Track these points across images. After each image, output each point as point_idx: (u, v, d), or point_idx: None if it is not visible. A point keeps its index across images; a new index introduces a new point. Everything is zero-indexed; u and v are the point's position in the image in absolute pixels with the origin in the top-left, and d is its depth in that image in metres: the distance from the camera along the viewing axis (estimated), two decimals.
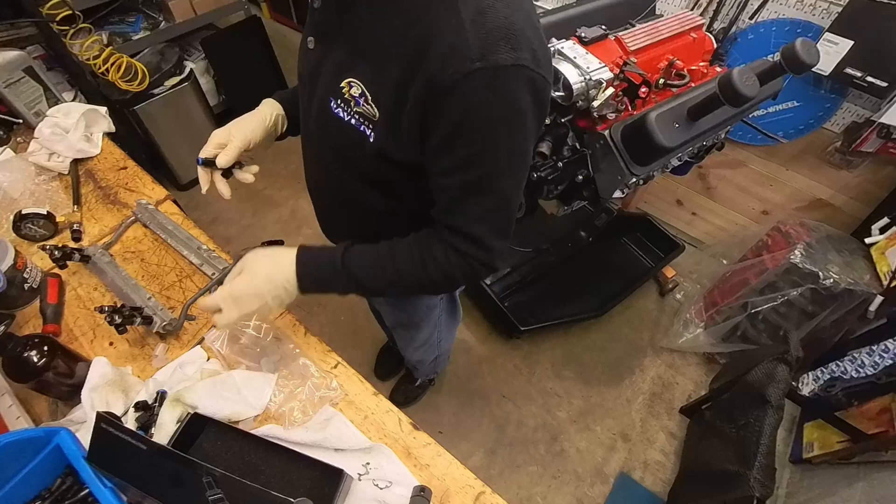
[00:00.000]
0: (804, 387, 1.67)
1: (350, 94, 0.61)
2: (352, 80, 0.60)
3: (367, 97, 0.60)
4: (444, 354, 1.49)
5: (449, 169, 0.60)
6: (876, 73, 1.32)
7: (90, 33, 1.68)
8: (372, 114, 0.60)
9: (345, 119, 0.64)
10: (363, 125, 0.62)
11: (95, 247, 1.04)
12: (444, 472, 0.78)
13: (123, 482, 0.64)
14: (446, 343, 1.39)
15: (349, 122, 0.63)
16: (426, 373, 1.64)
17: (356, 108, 0.62)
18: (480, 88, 0.52)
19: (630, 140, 0.97)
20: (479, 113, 0.54)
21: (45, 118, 1.26)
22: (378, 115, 0.60)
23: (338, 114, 0.64)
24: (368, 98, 0.60)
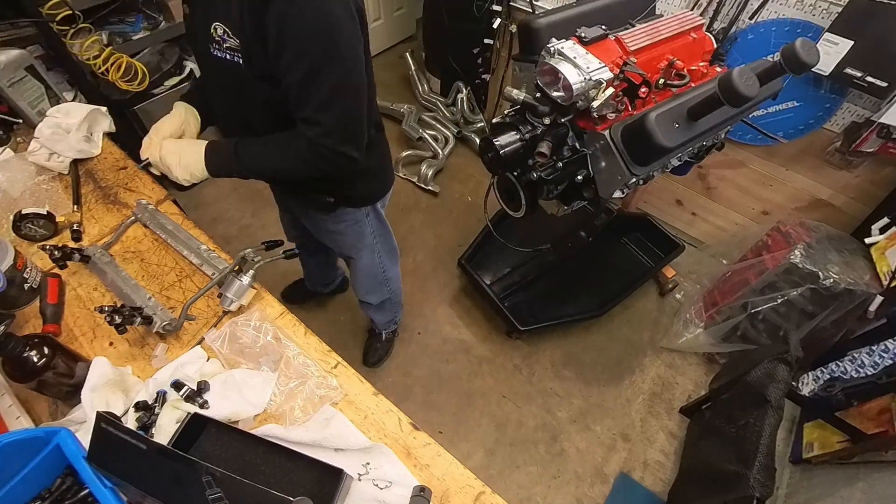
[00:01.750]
0: (804, 387, 1.67)
1: (218, 35, 0.77)
2: (216, 23, 0.76)
3: (227, 32, 0.76)
4: (395, 297, 1.61)
5: (286, 67, 0.75)
6: (876, 73, 1.32)
7: (90, 33, 1.68)
8: (235, 44, 0.77)
9: (221, 57, 0.79)
10: (234, 56, 0.78)
11: (95, 247, 1.04)
12: (443, 472, 0.78)
13: (123, 482, 0.64)
14: (392, 274, 1.49)
15: (225, 58, 0.79)
16: (385, 323, 1.77)
17: (225, 45, 0.78)
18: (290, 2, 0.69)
19: (630, 140, 0.96)
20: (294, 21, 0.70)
21: (46, 118, 1.25)
22: (239, 43, 0.76)
23: (216, 55, 0.80)
24: (229, 32, 0.76)
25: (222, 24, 0.76)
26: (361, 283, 1.47)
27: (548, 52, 0.97)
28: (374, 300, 1.55)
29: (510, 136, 1.03)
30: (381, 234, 1.33)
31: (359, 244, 1.29)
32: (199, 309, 0.97)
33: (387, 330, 1.86)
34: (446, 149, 2.66)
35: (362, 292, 1.52)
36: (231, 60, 0.78)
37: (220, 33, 0.77)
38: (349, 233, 1.24)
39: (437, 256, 2.28)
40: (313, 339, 0.93)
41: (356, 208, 1.17)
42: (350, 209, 1.16)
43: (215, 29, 0.77)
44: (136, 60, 1.87)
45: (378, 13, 3.26)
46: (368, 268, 1.39)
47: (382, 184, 1.21)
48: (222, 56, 0.79)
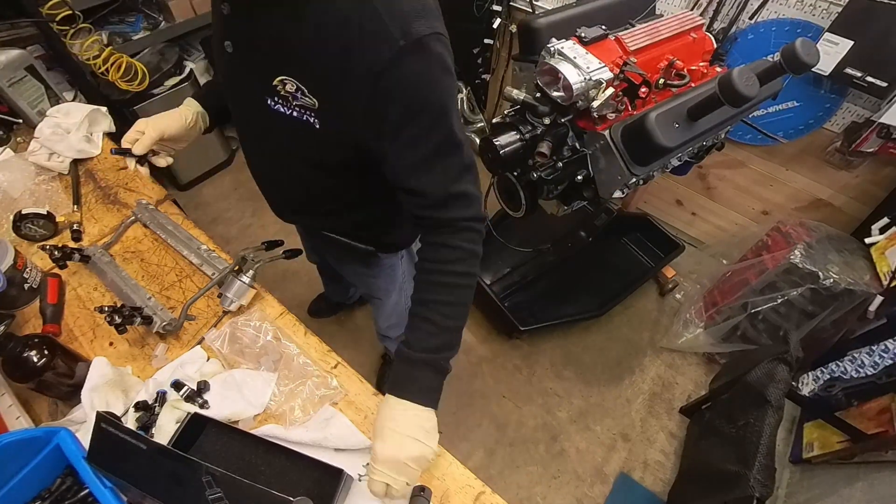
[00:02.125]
0: (804, 387, 1.67)
1: (286, 91, 0.65)
2: (284, 77, 0.64)
3: (303, 90, 0.64)
4: None
5: (412, 141, 0.64)
6: (876, 73, 1.32)
7: (90, 33, 1.68)
8: (312, 104, 0.65)
9: (286, 113, 0.67)
10: (306, 115, 0.66)
11: (95, 247, 1.04)
12: (443, 472, 0.78)
13: (123, 482, 0.64)
14: None
15: (292, 115, 0.67)
16: None
17: (295, 102, 0.66)
18: (415, 59, 0.59)
19: (630, 140, 0.97)
20: (422, 80, 0.61)
21: (46, 118, 1.26)
22: (318, 104, 0.64)
23: (278, 110, 0.68)
24: (305, 91, 0.64)
25: (295, 81, 0.63)
26: (385, 321, 1.37)
27: (548, 52, 0.97)
28: (394, 334, 1.44)
29: (510, 136, 1.04)
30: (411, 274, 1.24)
31: (389, 287, 1.20)
32: (199, 309, 0.97)
33: None
34: None
35: (384, 328, 1.42)
36: (299, 119, 0.66)
37: (289, 89, 0.64)
38: (382, 276, 1.14)
39: None
40: (313, 339, 0.93)
41: (393, 254, 1.08)
42: (387, 254, 1.06)
43: (282, 83, 0.64)
44: (135, 60, 1.87)
45: None
46: (394, 307, 1.29)
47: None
48: (287, 113, 0.67)
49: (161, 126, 0.88)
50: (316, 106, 0.64)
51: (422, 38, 0.58)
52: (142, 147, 0.85)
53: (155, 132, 0.86)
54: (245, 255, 0.96)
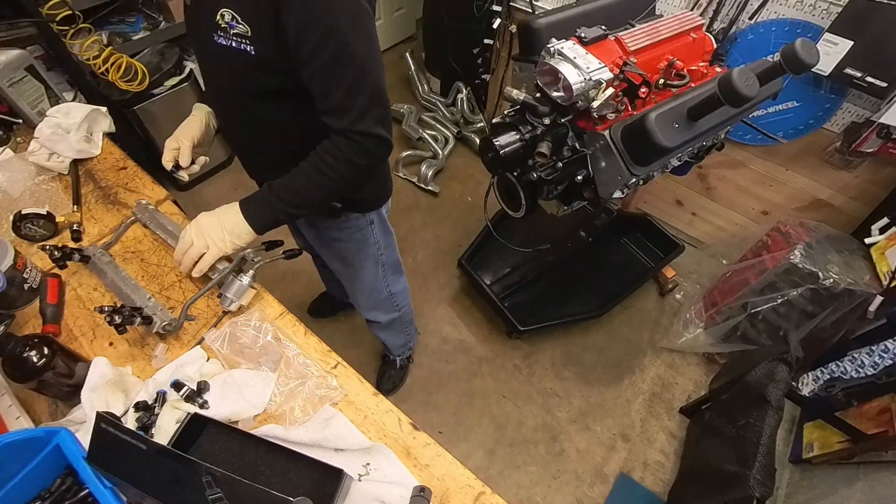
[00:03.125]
0: (804, 387, 1.67)
1: (225, 22, 0.74)
2: (223, 10, 0.73)
3: (237, 18, 0.73)
4: (405, 316, 1.54)
5: (310, 52, 0.72)
6: (875, 74, 1.32)
7: (90, 33, 1.68)
8: (245, 31, 0.73)
9: (226, 44, 0.76)
10: (242, 43, 0.75)
11: (95, 247, 1.04)
12: (443, 472, 0.77)
13: (123, 482, 0.64)
14: (396, 289, 1.42)
15: (230, 46, 0.75)
16: (398, 347, 1.71)
17: (232, 31, 0.74)
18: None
19: (630, 140, 0.96)
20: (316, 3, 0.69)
21: (46, 118, 1.25)
22: (250, 31, 0.73)
23: (220, 42, 0.76)
24: (238, 19, 0.73)
25: (231, 10, 0.72)
26: (364, 298, 1.38)
27: (548, 52, 0.97)
28: (382, 318, 1.47)
29: (510, 136, 1.04)
30: (386, 246, 1.26)
31: (361, 253, 1.22)
32: (199, 309, 0.97)
33: (401, 356, 1.79)
34: (446, 149, 2.66)
35: (365, 307, 1.43)
36: (237, 48, 0.75)
37: (227, 19, 0.73)
38: (352, 240, 1.18)
39: (437, 256, 2.28)
40: (313, 339, 0.93)
41: (361, 213, 1.13)
42: (355, 214, 1.12)
43: (222, 15, 0.73)
44: (135, 60, 1.87)
45: (378, 13, 3.26)
46: (371, 281, 1.31)
47: (385, 188, 1.16)
48: (227, 44, 0.75)
49: (190, 134, 0.99)
50: (249, 33, 0.73)
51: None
52: (186, 158, 0.98)
53: (188, 140, 0.98)
54: (245, 256, 0.96)
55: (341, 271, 1.31)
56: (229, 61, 0.78)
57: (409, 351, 1.80)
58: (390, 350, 1.74)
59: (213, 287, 0.93)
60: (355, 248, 1.21)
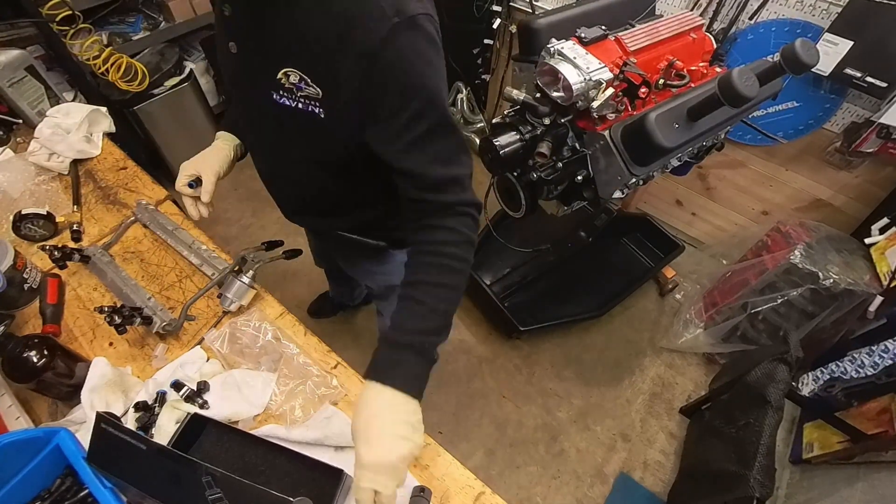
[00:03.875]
0: (804, 387, 1.67)
1: (290, 83, 0.66)
2: (288, 69, 0.65)
3: (306, 80, 0.65)
4: None
5: (407, 122, 0.64)
6: (875, 74, 1.32)
7: (90, 33, 1.68)
8: (315, 93, 0.65)
9: (292, 105, 0.68)
10: (311, 105, 0.66)
11: (95, 247, 1.04)
12: (443, 472, 0.77)
13: (123, 482, 0.64)
14: None
15: (297, 107, 0.67)
16: None
17: (299, 93, 0.66)
18: (408, 37, 0.60)
19: (630, 140, 0.97)
20: (415, 58, 0.62)
21: (46, 118, 1.26)
22: (321, 94, 0.65)
23: (283, 103, 0.68)
24: (308, 81, 0.64)
25: (298, 72, 0.64)
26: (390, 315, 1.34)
27: (548, 52, 0.97)
28: None
29: (510, 136, 1.04)
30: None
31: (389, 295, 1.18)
32: (199, 309, 0.97)
33: None
34: None
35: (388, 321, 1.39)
36: (304, 110, 0.67)
37: (293, 80, 0.65)
38: (395, 273, 1.08)
39: None
40: (313, 340, 0.93)
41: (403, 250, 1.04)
42: (399, 250, 1.03)
43: (286, 75, 0.65)
44: (135, 61, 1.87)
45: None
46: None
47: None
48: (293, 105, 0.67)
49: (215, 168, 0.90)
50: (320, 95, 0.65)
51: (415, 17, 0.60)
52: (209, 193, 0.88)
53: (213, 175, 0.88)
54: (245, 256, 0.96)
55: (380, 295, 1.24)
56: (292, 122, 0.69)
57: None
58: None
59: (212, 287, 0.93)
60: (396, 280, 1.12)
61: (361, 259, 1.09)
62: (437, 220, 0.69)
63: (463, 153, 0.70)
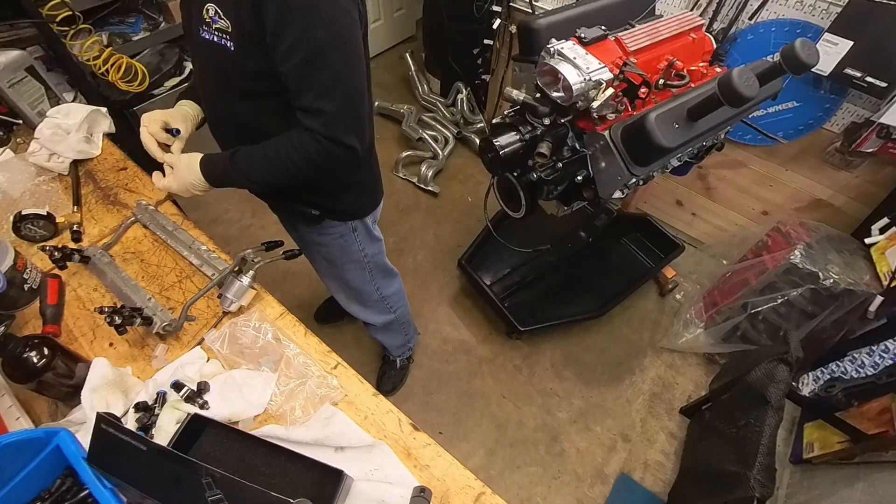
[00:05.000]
0: (804, 387, 1.67)
1: (209, 17, 0.75)
2: (208, 4, 0.74)
3: (219, 13, 0.74)
4: (401, 318, 1.53)
5: (287, 50, 0.72)
6: (875, 74, 1.32)
7: (90, 34, 1.68)
8: (225, 26, 0.74)
9: (209, 39, 0.77)
10: (223, 39, 0.76)
11: (95, 247, 1.04)
12: (444, 472, 0.77)
13: (123, 483, 0.64)
14: (388, 291, 1.41)
15: (212, 40, 0.77)
16: (397, 348, 1.71)
17: (214, 25, 0.75)
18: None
19: (630, 140, 0.96)
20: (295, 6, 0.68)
21: (46, 119, 1.26)
22: (230, 26, 0.74)
23: (204, 37, 0.77)
24: (220, 13, 0.74)
25: (214, 5, 0.74)
26: (353, 300, 1.38)
27: (548, 52, 0.97)
28: (377, 320, 1.46)
29: (510, 136, 1.04)
30: (372, 252, 1.25)
31: (343, 258, 1.22)
32: (199, 309, 0.97)
33: (401, 356, 1.78)
34: (446, 149, 2.66)
35: (355, 310, 1.42)
36: (219, 43, 0.76)
37: (210, 14, 0.74)
38: (333, 245, 1.17)
39: (437, 257, 2.28)
40: (313, 340, 0.93)
41: (342, 222, 1.12)
42: (336, 222, 1.11)
43: (207, 10, 0.75)
44: (136, 61, 1.87)
45: (378, 14, 3.26)
46: (359, 285, 1.31)
47: (371, 199, 1.15)
48: (210, 38, 0.77)
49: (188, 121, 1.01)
50: (229, 28, 0.74)
51: None
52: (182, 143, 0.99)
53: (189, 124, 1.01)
54: (245, 256, 0.96)
55: (325, 272, 1.31)
56: (212, 56, 0.79)
57: (408, 351, 1.79)
58: (390, 350, 1.73)
59: (212, 287, 0.93)
60: (337, 253, 1.21)
61: (304, 229, 1.16)
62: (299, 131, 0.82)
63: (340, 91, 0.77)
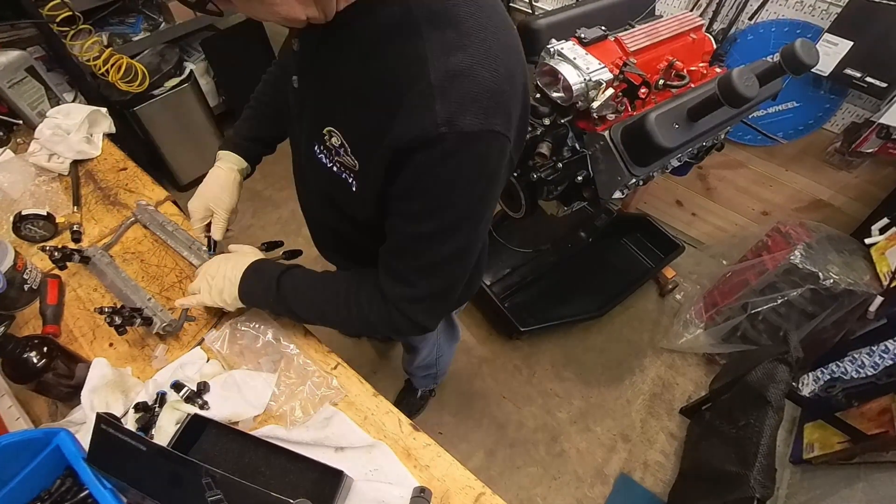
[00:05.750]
0: (804, 387, 1.67)
1: (331, 143, 0.62)
2: (332, 129, 0.61)
3: (346, 148, 0.60)
4: (442, 368, 1.51)
5: (409, 215, 0.60)
6: (875, 74, 1.32)
7: (90, 34, 1.68)
8: (352, 164, 0.61)
9: (327, 165, 0.65)
10: (345, 173, 0.63)
11: (95, 248, 1.04)
12: (444, 472, 0.77)
13: (123, 483, 0.64)
14: (446, 359, 1.43)
15: (332, 169, 0.64)
16: (426, 385, 1.68)
17: (337, 157, 0.62)
18: (444, 152, 0.51)
19: (630, 141, 0.97)
20: (441, 174, 0.53)
21: (46, 119, 1.26)
22: (358, 166, 0.60)
23: (321, 160, 0.65)
24: (348, 149, 0.60)
25: (340, 136, 0.60)
26: (415, 367, 1.39)
27: (547, 52, 0.97)
28: (421, 374, 1.48)
29: None
30: (448, 333, 1.25)
31: (420, 343, 1.20)
32: (199, 310, 0.97)
33: (424, 388, 1.76)
34: None
35: (412, 369, 1.44)
36: (338, 175, 0.64)
37: (334, 143, 0.61)
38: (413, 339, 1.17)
39: None
40: (313, 340, 0.93)
41: None
42: None
43: (329, 134, 0.61)
44: (136, 61, 1.87)
45: None
46: (425, 359, 1.31)
47: (468, 293, 1.01)
48: (328, 165, 0.64)
49: (227, 205, 0.91)
50: (356, 168, 0.60)
51: (468, 133, 0.50)
52: (221, 231, 0.91)
53: (224, 211, 0.90)
54: None
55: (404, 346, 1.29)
56: (324, 180, 0.67)
57: (433, 385, 1.76)
58: (415, 383, 1.70)
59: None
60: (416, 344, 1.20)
61: None
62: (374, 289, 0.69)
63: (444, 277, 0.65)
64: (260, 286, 0.78)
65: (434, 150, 0.51)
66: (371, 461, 0.77)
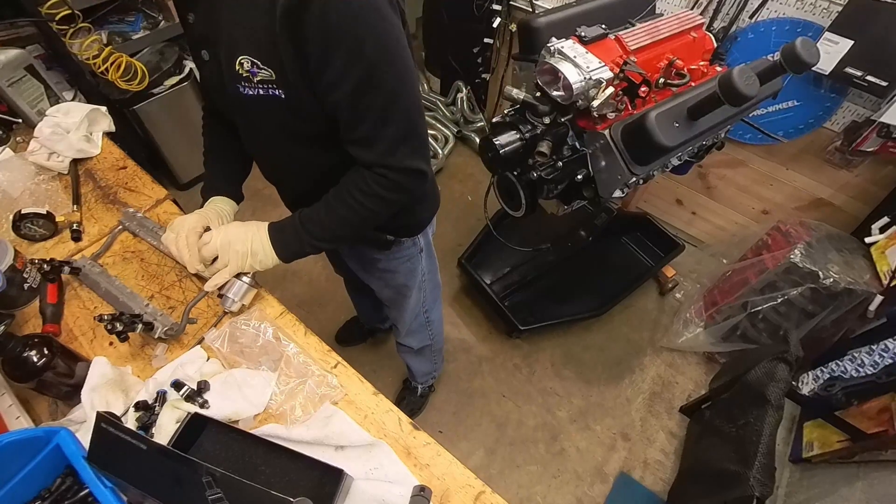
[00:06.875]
0: (804, 386, 1.67)
1: (245, 70, 0.66)
2: (241, 57, 0.65)
3: (257, 64, 0.65)
4: (436, 345, 1.51)
5: (335, 80, 0.64)
6: (876, 73, 1.32)
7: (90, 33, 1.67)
8: (269, 75, 0.65)
9: (254, 94, 0.68)
10: (270, 89, 0.67)
11: (84, 259, 1.02)
12: (443, 471, 0.77)
13: (123, 482, 0.64)
14: (434, 316, 1.39)
15: (259, 94, 0.68)
16: (423, 374, 1.67)
17: (256, 78, 0.66)
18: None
19: (630, 139, 0.96)
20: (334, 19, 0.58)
21: (45, 118, 1.25)
22: (274, 74, 0.65)
23: (247, 93, 0.68)
24: (259, 63, 0.65)
25: (249, 57, 0.64)
26: (405, 324, 1.35)
27: (548, 51, 0.97)
28: (414, 344, 1.44)
29: (510, 135, 1.03)
30: (430, 270, 1.22)
31: (410, 282, 1.18)
32: (200, 309, 0.96)
33: (423, 384, 1.75)
34: (446, 148, 2.66)
35: (403, 332, 1.40)
36: (266, 95, 0.67)
37: (247, 67, 0.65)
38: (401, 271, 1.13)
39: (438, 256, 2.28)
40: (313, 339, 0.93)
41: (412, 242, 1.06)
42: (406, 244, 1.05)
43: (241, 64, 0.65)
44: (135, 60, 1.86)
45: None
46: (413, 307, 1.28)
47: (434, 200, 1.07)
48: (255, 93, 0.68)
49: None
50: (273, 76, 0.65)
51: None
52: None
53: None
54: None
55: (391, 300, 1.26)
56: (261, 111, 0.71)
57: (432, 380, 1.76)
58: (414, 376, 1.69)
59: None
60: (404, 279, 1.16)
61: (368, 255, 1.09)
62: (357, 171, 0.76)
63: (399, 112, 0.69)
64: (289, 233, 0.83)
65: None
66: (371, 460, 0.77)
